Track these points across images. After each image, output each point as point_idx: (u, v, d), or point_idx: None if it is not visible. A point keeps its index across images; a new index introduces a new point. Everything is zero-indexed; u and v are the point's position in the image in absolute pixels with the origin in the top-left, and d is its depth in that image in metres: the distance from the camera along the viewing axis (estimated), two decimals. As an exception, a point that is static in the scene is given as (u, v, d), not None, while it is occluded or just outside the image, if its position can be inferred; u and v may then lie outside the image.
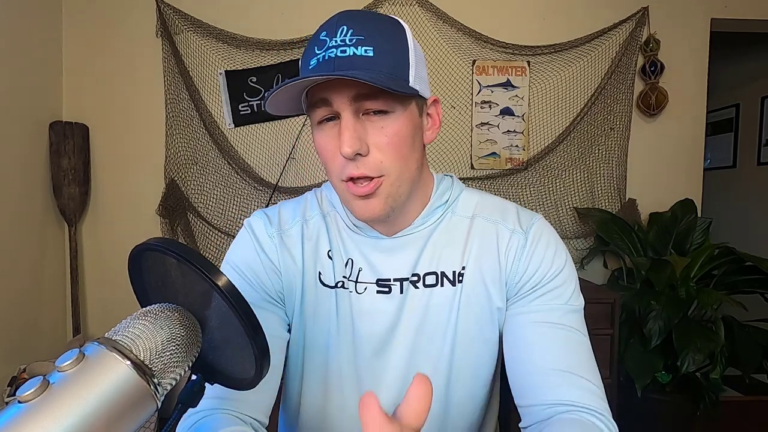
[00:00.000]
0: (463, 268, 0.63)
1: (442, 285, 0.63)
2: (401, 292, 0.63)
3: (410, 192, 0.60)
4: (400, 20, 0.58)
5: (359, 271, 0.64)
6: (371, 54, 0.52)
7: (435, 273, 0.63)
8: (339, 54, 0.52)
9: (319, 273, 0.65)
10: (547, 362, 0.58)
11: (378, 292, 0.64)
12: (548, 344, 0.59)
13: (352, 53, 0.52)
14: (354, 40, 0.52)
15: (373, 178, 0.55)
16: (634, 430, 1.91)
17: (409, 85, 0.55)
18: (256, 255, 0.65)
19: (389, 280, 0.63)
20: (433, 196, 0.65)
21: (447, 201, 0.66)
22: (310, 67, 0.54)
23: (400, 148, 0.56)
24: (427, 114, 0.62)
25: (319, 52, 0.53)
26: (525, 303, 0.63)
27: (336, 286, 0.65)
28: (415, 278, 0.63)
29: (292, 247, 0.66)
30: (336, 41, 0.52)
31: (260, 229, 0.67)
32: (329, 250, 0.66)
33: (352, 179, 0.56)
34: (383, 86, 0.50)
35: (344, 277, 0.65)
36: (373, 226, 0.64)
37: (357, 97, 0.53)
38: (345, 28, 0.53)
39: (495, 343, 0.66)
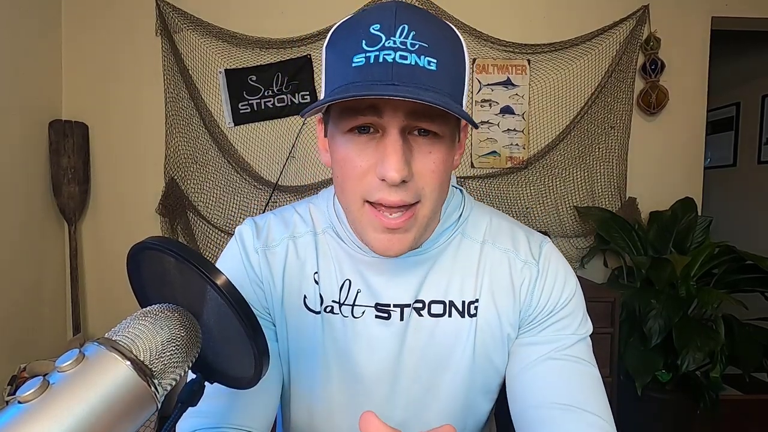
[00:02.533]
0: (477, 300, 0.60)
1: (450, 315, 0.59)
2: (401, 320, 0.59)
3: None
4: (456, 30, 0.51)
5: (357, 293, 0.59)
6: (434, 68, 0.45)
7: (443, 302, 0.59)
8: (398, 59, 0.44)
9: (304, 296, 0.61)
10: (552, 396, 0.55)
11: (376, 317, 0.59)
12: (554, 377, 0.57)
13: (413, 62, 0.44)
14: (417, 46, 0.44)
15: (409, 207, 0.49)
16: (634, 428, 1.91)
17: (463, 108, 0.48)
18: (242, 267, 0.61)
19: (389, 305, 0.59)
20: (443, 215, 0.60)
21: (458, 220, 0.62)
22: (355, 65, 0.45)
23: (441, 177, 0.50)
24: (458, 138, 0.56)
25: (371, 49, 0.45)
26: (534, 333, 0.61)
27: (323, 311, 0.60)
28: (420, 305, 0.59)
29: (274, 265, 0.61)
30: (395, 42, 0.44)
31: (249, 239, 0.62)
32: (316, 273, 0.61)
33: (380, 204, 0.49)
34: (459, 114, 0.44)
35: (334, 301, 0.60)
36: None
37: (412, 114, 0.46)
38: (406, 27, 0.45)
39: (503, 373, 0.64)
